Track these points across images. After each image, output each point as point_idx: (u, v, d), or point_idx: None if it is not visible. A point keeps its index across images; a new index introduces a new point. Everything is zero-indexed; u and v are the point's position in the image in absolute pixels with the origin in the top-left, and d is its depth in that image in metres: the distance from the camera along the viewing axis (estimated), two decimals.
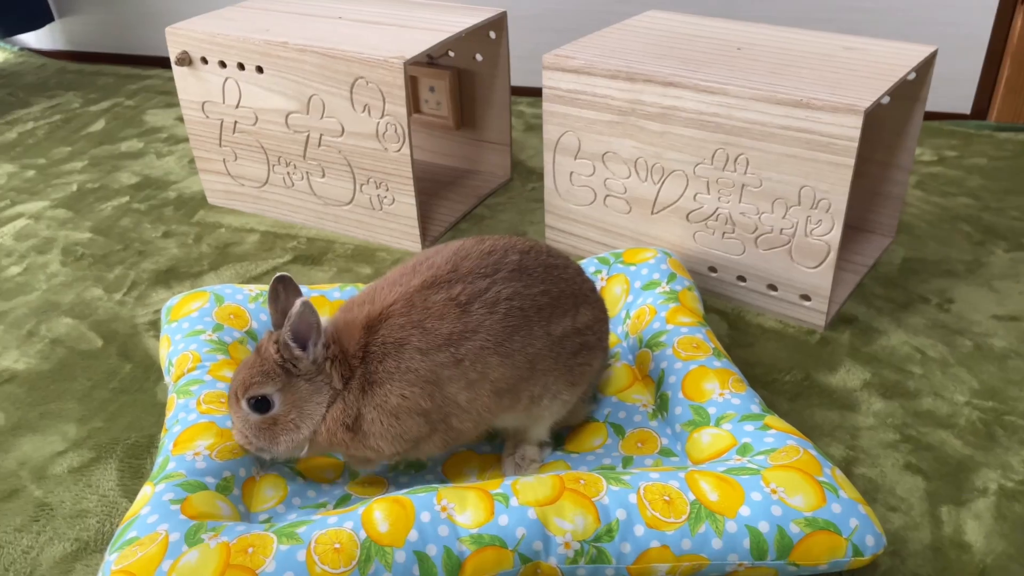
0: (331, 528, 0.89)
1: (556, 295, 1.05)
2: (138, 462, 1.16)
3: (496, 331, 0.99)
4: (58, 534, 1.05)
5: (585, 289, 1.10)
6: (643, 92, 1.40)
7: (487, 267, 1.02)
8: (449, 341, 0.97)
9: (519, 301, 1.01)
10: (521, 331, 1.00)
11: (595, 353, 1.10)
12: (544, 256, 1.08)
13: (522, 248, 1.07)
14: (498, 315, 0.99)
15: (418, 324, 0.98)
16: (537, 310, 1.02)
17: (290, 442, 0.99)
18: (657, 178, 1.47)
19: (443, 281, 1.01)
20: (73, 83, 2.71)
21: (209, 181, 1.87)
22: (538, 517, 0.89)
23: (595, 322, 1.09)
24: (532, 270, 1.04)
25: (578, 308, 1.07)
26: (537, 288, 1.03)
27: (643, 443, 1.12)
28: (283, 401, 0.97)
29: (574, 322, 1.06)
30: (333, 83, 1.58)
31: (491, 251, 1.05)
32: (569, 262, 1.11)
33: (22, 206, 1.91)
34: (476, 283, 1.01)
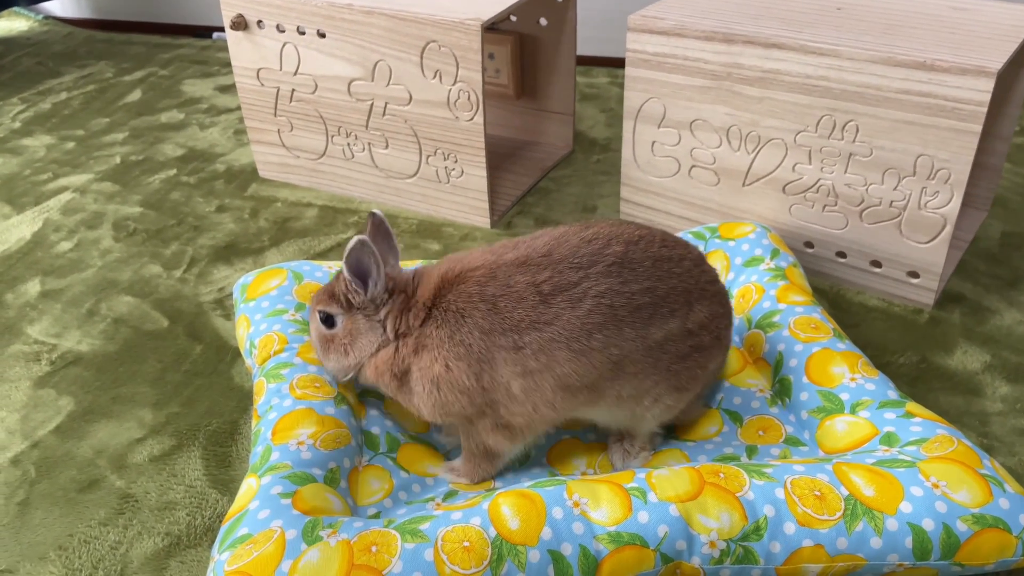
0: (457, 524, 0.82)
1: (663, 294, 0.94)
2: (223, 450, 1.10)
3: (573, 327, 0.91)
4: (147, 528, 0.99)
5: (703, 282, 0.99)
6: (742, 55, 1.31)
7: (583, 257, 0.94)
8: (516, 327, 0.92)
9: (611, 299, 0.92)
10: (606, 330, 0.92)
11: (710, 353, 1.00)
12: (656, 247, 0.97)
13: (630, 238, 0.97)
14: (581, 311, 0.91)
15: (491, 300, 0.93)
16: (632, 310, 0.93)
17: (337, 363, 1.02)
18: (752, 147, 1.38)
19: (534, 263, 0.94)
20: (103, 52, 2.62)
21: (262, 153, 1.78)
22: (681, 514, 0.82)
23: (712, 319, 0.99)
24: (637, 264, 0.94)
25: (691, 306, 0.96)
26: (638, 285, 0.93)
27: (765, 431, 1.04)
28: (344, 325, 1.00)
29: (684, 323, 0.96)
30: (402, 47, 1.49)
31: (593, 239, 0.96)
32: (688, 251, 1.00)
33: (65, 179, 1.84)
34: (566, 274, 0.93)
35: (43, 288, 1.45)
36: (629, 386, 0.95)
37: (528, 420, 0.96)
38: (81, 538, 0.98)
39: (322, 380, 1.04)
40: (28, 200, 1.75)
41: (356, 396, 1.09)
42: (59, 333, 1.33)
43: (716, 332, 1.00)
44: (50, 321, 1.36)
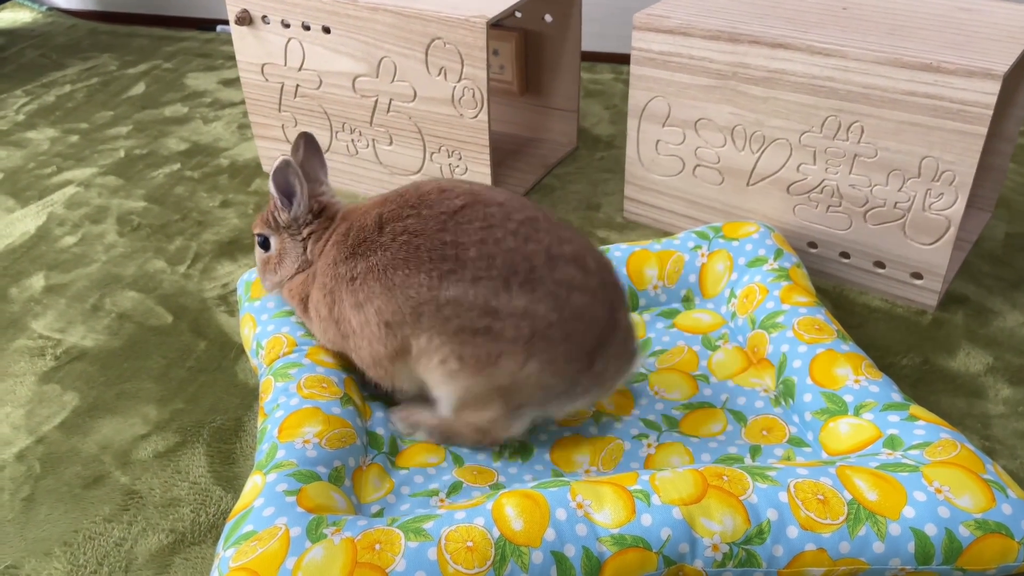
0: (461, 524, 0.82)
1: (475, 256, 0.91)
2: (227, 447, 1.10)
3: (385, 260, 0.95)
4: (151, 524, 0.99)
5: (544, 276, 0.91)
6: (747, 54, 1.31)
7: (424, 201, 0.97)
8: (352, 255, 0.99)
9: (422, 240, 0.94)
10: (406, 268, 0.94)
11: (506, 351, 0.91)
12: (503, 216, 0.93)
13: (487, 200, 0.96)
14: (396, 244, 0.95)
15: (346, 232, 1.01)
16: (435, 259, 0.92)
17: (269, 281, 1.13)
18: (756, 147, 1.38)
19: (390, 199, 1.00)
20: (107, 44, 2.61)
21: (265, 148, 1.78)
22: (684, 517, 0.82)
23: (525, 316, 0.90)
24: (468, 222, 0.93)
25: (509, 287, 0.90)
26: (451, 237, 0.93)
27: (769, 431, 1.05)
28: (276, 245, 1.10)
29: (489, 299, 0.90)
30: (407, 44, 1.49)
31: (446, 190, 0.98)
32: (552, 243, 0.93)
33: (69, 172, 1.84)
34: (404, 210, 0.97)
35: (47, 283, 1.45)
36: (424, 338, 0.95)
37: (371, 359, 1.00)
38: (86, 534, 0.98)
39: (329, 381, 1.05)
40: (32, 194, 1.75)
41: (362, 397, 1.09)
42: (64, 328, 1.34)
43: (523, 335, 0.91)
44: (55, 316, 1.37)
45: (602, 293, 0.96)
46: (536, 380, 0.94)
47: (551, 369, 0.94)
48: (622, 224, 1.60)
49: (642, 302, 1.28)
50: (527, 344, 0.92)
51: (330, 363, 1.08)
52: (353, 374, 1.11)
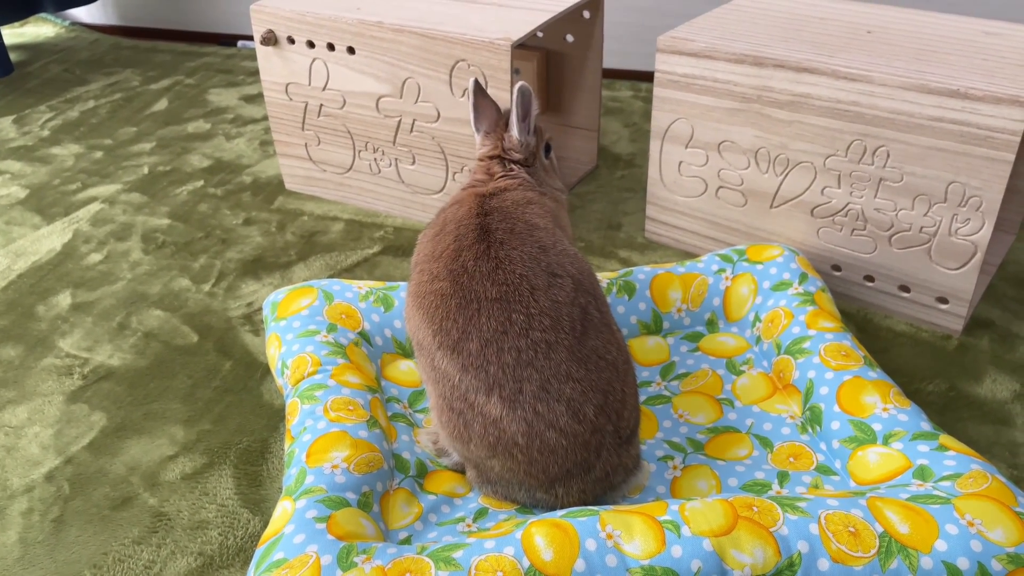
0: (491, 554, 0.82)
1: (475, 352, 0.92)
2: (254, 468, 1.11)
3: (418, 291, 0.99)
4: (180, 547, 1.00)
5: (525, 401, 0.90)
6: (772, 78, 1.31)
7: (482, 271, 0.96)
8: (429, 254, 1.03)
9: (440, 301, 0.96)
10: (420, 313, 0.98)
11: (475, 439, 0.93)
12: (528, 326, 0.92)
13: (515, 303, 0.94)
14: (430, 288, 0.98)
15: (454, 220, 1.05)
16: (441, 330, 0.95)
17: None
18: (780, 170, 1.38)
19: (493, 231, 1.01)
20: (129, 60, 2.64)
21: (289, 166, 1.80)
22: (714, 549, 0.82)
23: (495, 425, 0.91)
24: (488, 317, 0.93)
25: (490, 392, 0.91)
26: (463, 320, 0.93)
27: (796, 458, 1.04)
28: None
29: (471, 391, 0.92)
30: (431, 66, 1.50)
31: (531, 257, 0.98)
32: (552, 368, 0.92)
33: (94, 189, 1.86)
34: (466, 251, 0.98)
35: (74, 300, 1.47)
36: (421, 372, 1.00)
37: None
38: (115, 556, 0.99)
39: (356, 403, 1.05)
40: (58, 210, 1.77)
41: (387, 418, 1.10)
42: (90, 347, 1.35)
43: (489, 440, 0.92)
44: (81, 334, 1.38)
45: (586, 438, 0.92)
46: (498, 474, 0.96)
47: (511, 474, 0.95)
48: (643, 244, 1.60)
49: (666, 325, 1.28)
50: (491, 447, 0.93)
51: (356, 384, 1.09)
52: (379, 394, 1.11)
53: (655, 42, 1.41)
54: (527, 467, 0.93)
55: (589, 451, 0.93)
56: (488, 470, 0.97)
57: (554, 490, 0.95)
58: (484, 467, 0.97)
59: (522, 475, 0.94)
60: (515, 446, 0.92)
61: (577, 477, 0.94)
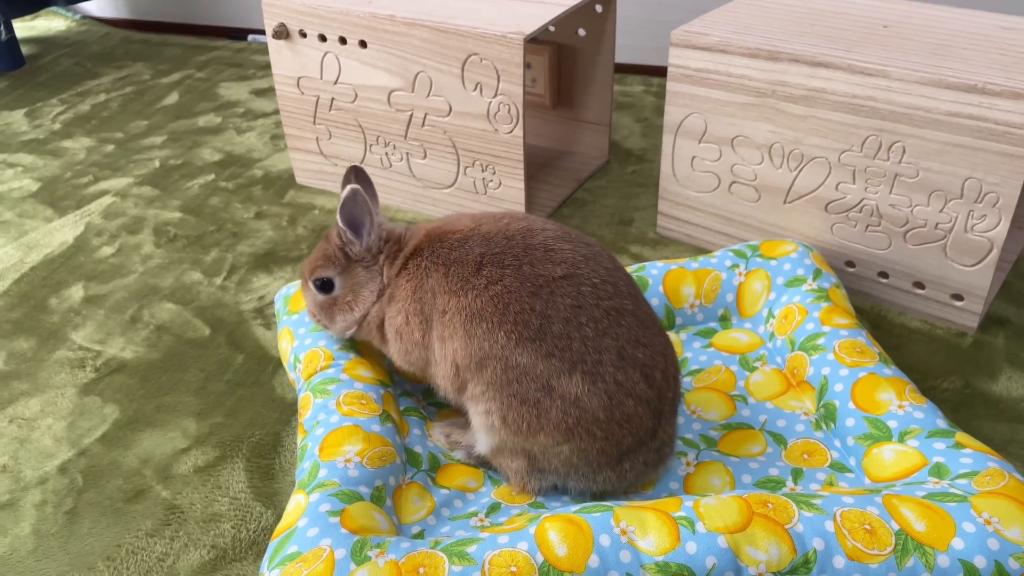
0: (504, 549, 0.82)
1: (555, 332, 0.91)
2: (266, 462, 1.11)
3: (474, 303, 0.94)
4: (193, 540, 1.00)
5: (605, 369, 0.91)
6: (787, 72, 1.30)
7: (531, 257, 0.95)
8: (450, 290, 0.97)
9: (512, 299, 0.93)
10: (490, 322, 0.93)
11: (548, 428, 0.92)
12: (598, 306, 0.93)
13: (584, 276, 0.94)
14: (488, 294, 0.94)
15: (448, 265, 0.98)
16: (520, 322, 0.92)
17: (344, 322, 1.07)
18: (794, 165, 1.37)
19: (497, 241, 0.98)
20: (140, 53, 2.65)
21: (300, 160, 1.80)
22: (729, 546, 0.82)
23: (575, 405, 0.91)
24: (560, 295, 0.93)
25: (572, 372, 0.91)
26: (540, 306, 0.92)
27: (810, 455, 1.04)
28: (343, 283, 1.05)
29: (553, 375, 0.91)
30: (443, 60, 1.49)
31: (553, 250, 0.96)
32: (627, 334, 0.93)
33: (106, 182, 1.86)
34: (506, 259, 0.96)
35: (86, 293, 1.47)
36: (481, 387, 0.95)
37: (443, 388, 1.01)
38: (129, 549, 0.99)
39: (368, 397, 1.05)
40: (70, 203, 1.77)
41: (399, 413, 1.09)
42: (103, 340, 1.35)
43: (568, 422, 0.92)
44: (94, 327, 1.38)
45: (656, 404, 0.95)
46: (565, 460, 0.95)
47: (582, 457, 0.95)
48: (655, 240, 1.59)
49: (679, 321, 1.27)
50: (568, 431, 0.93)
51: (368, 378, 1.09)
52: (391, 388, 1.11)
53: (667, 36, 1.40)
54: (603, 443, 0.93)
55: (657, 418, 0.96)
56: (551, 458, 0.95)
57: (621, 466, 0.96)
58: (546, 456, 0.95)
59: (595, 454, 0.94)
60: (595, 422, 0.92)
61: (643, 447, 0.96)
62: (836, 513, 0.84)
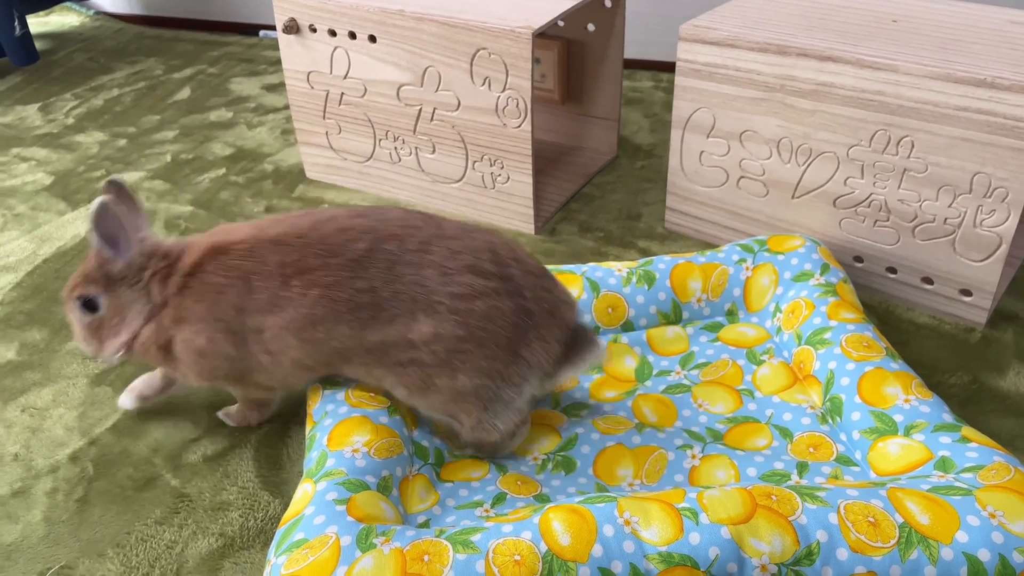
0: (508, 538, 0.83)
1: (386, 297, 0.95)
2: (274, 452, 1.12)
3: (300, 316, 0.96)
4: (201, 528, 1.01)
5: (442, 297, 0.95)
6: (795, 67, 1.30)
7: (332, 246, 0.97)
8: (261, 309, 0.97)
9: (335, 292, 0.95)
10: (326, 323, 0.96)
11: (434, 372, 0.96)
12: (400, 251, 0.96)
13: (384, 234, 0.98)
14: (309, 300, 0.96)
15: (246, 276, 0.98)
16: (352, 308, 0.96)
17: (113, 346, 1.02)
18: (803, 160, 1.37)
19: (288, 243, 0.98)
20: (153, 49, 2.66)
21: (309, 154, 1.81)
22: (732, 537, 0.82)
23: (436, 340, 0.95)
24: (373, 263, 0.96)
25: (415, 318, 0.95)
26: (364, 284, 0.95)
27: (816, 448, 1.04)
28: (109, 304, 1.01)
29: (407, 332, 0.95)
30: (452, 54, 1.50)
31: (348, 229, 0.98)
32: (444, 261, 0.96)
33: (118, 176, 1.87)
34: (310, 259, 0.97)
35: None
36: (363, 369, 1.00)
37: (280, 382, 1.04)
38: (138, 536, 1.00)
39: (377, 389, 1.06)
40: (82, 197, 1.79)
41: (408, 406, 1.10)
42: None
43: (440, 357, 0.96)
44: None
45: (506, 287, 0.97)
46: (471, 386, 0.98)
47: (478, 373, 0.97)
48: (663, 235, 1.60)
49: (685, 315, 1.27)
50: (447, 364, 0.96)
51: None
52: None
53: (676, 32, 1.40)
54: (485, 350, 0.96)
55: (513, 296, 0.97)
56: (467, 395, 0.98)
57: (524, 358, 0.98)
58: (463, 395, 0.98)
59: (487, 364, 0.96)
60: (461, 341, 0.95)
61: (529, 329, 0.98)
62: (840, 505, 0.85)
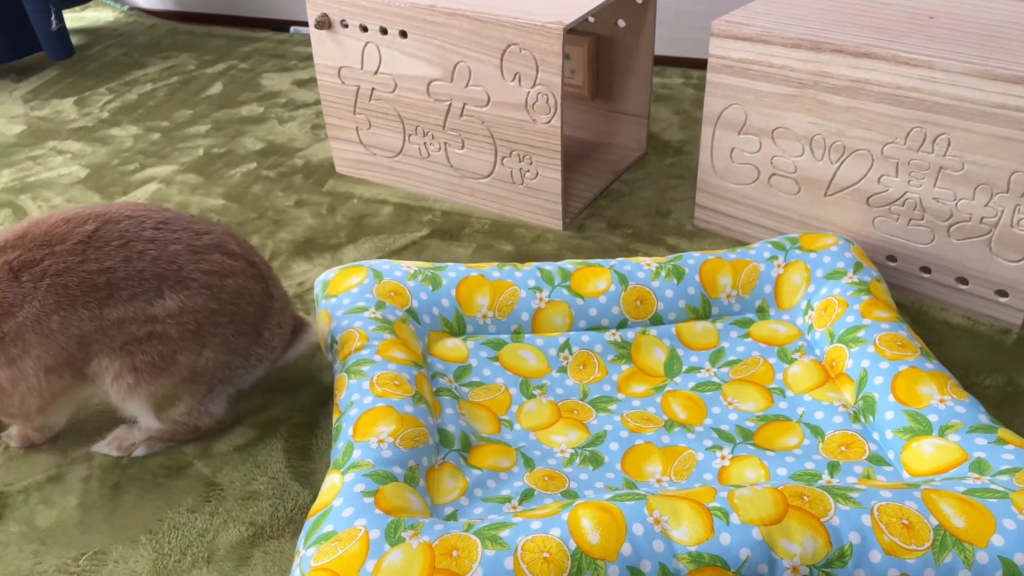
0: (537, 534, 0.83)
1: (124, 276, 0.97)
2: (303, 442, 1.13)
3: (36, 309, 0.96)
4: (232, 516, 1.02)
5: (190, 272, 1.00)
6: (829, 63, 1.29)
7: (53, 236, 0.98)
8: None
9: (67, 278, 0.96)
10: (62, 310, 0.96)
11: (177, 345, 1.00)
12: (140, 229, 1.00)
13: (112, 217, 1.00)
14: (41, 291, 0.96)
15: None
16: (87, 290, 0.97)
17: None
18: (836, 157, 1.36)
19: (11, 244, 0.98)
20: (185, 44, 2.69)
21: (339, 149, 1.82)
22: (763, 538, 0.82)
23: (184, 312, 0.99)
24: (104, 244, 0.98)
25: (162, 292, 0.99)
26: (97, 265, 0.97)
27: (847, 447, 1.03)
28: None
29: (148, 307, 0.98)
30: (483, 49, 1.50)
31: (73, 218, 1.00)
32: (189, 237, 1.02)
33: (151, 170, 1.90)
34: (33, 251, 0.97)
35: None
36: (97, 363, 1.00)
37: (22, 411, 1.02)
38: (170, 523, 1.02)
39: (402, 378, 1.06)
40: (117, 190, 1.81)
41: (432, 394, 1.11)
42: None
43: (188, 326, 1.00)
44: None
45: (252, 270, 1.06)
46: (215, 363, 1.03)
47: (225, 349, 1.04)
48: (692, 232, 1.59)
49: (715, 310, 1.26)
50: (197, 336, 1.01)
51: (402, 359, 1.10)
52: (424, 369, 1.12)
53: (705, 28, 1.39)
54: (233, 328, 1.03)
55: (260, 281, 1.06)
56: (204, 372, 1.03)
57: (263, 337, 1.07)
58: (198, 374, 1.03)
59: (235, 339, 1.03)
60: (213, 314, 1.01)
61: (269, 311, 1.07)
62: (873, 507, 0.84)
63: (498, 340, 1.23)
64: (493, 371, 1.19)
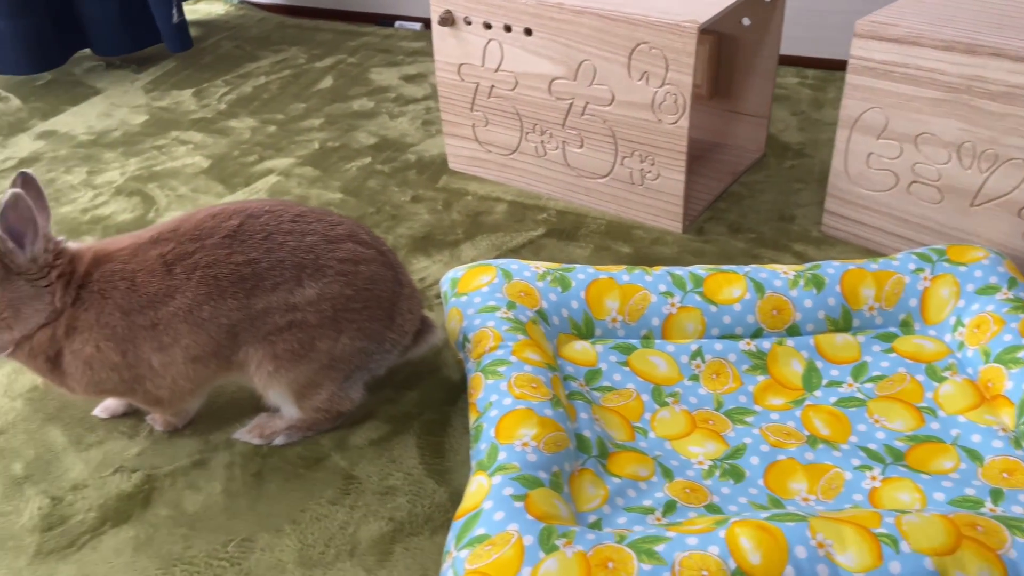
0: (694, 551, 0.81)
1: (267, 266, 1.02)
2: (436, 440, 1.13)
3: (188, 300, 1.01)
4: (371, 511, 1.04)
5: (325, 260, 1.04)
6: (986, 67, 1.22)
7: (203, 230, 1.03)
8: (151, 303, 1.01)
9: (216, 269, 1.01)
10: (212, 301, 1.01)
11: (315, 332, 1.04)
12: (279, 222, 1.04)
13: (254, 211, 1.05)
14: (193, 282, 1.00)
15: (130, 276, 1.02)
16: (235, 281, 1.01)
17: (1, 341, 1.01)
18: (986, 166, 1.29)
19: (164, 238, 1.04)
20: (295, 38, 2.75)
21: (454, 146, 1.82)
22: (936, 569, 0.78)
23: (322, 299, 1.03)
24: (249, 236, 1.03)
25: (301, 281, 1.03)
26: (243, 257, 1.02)
27: (1010, 474, 0.98)
28: (1, 294, 0.98)
29: (289, 296, 1.02)
30: (610, 48, 1.48)
31: (219, 213, 1.05)
32: (324, 229, 1.06)
33: (270, 162, 1.94)
34: (185, 245, 1.02)
35: None
36: (244, 352, 1.04)
37: (171, 392, 1.06)
38: (312, 515, 1.04)
39: (538, 381, 1.06)
40: (239, 180, 1.86)
41: (566, 398, 1.10)
42: None
43: (326, 313, 1.04)
44: None
45: (382, 258, 1.10)
46: (351, 348, 1.07)
47: (361, 335, 1.07)
48: (819, 239, 1.53)
49: (856, 323, 1.22)
50: (334, 322, 1.04)
51: (536, 361, 1.09)
52: (558, 372, 1.11)
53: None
54: (368, 314, 1.07)
55: (390, 267, 1.10)
56: (341, 359, 1.07)
57: (395, 322, 1.11)
58: (337, 360, 1.07)
59: (369, 323, 1.07)
60: (348, 300, 1.05)
61: (399, 296, 1.11)
62: None
63: (627, 344, 1.21)
64: (624, 376, 1.17)
